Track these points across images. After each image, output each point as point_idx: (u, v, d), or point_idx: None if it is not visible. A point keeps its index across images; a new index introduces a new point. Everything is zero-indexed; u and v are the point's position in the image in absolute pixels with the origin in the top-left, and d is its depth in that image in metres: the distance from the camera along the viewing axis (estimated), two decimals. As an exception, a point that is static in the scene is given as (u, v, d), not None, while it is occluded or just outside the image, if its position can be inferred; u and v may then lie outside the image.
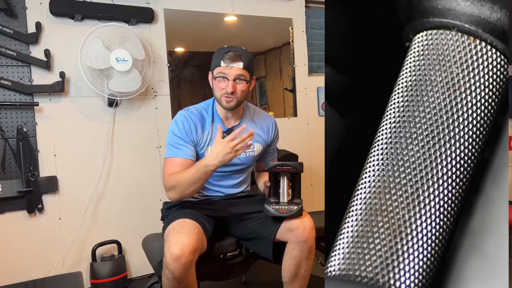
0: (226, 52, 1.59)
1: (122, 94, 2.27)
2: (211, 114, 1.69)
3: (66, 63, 2.26)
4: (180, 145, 1.61)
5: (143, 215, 2.47)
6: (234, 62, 1.59)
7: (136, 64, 2.27)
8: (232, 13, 2.78)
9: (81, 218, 2.31)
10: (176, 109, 2.57)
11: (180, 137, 1.61)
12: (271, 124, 1.81)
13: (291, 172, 1.57)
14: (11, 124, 2.15)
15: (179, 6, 2.58)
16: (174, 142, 1.62)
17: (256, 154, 1.76)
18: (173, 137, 1.63)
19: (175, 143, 1.62)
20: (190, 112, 1.67)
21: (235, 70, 1.59)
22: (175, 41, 2.58)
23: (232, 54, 1.59)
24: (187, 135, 1.62)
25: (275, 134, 1.82)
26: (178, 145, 1.61)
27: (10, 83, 2.12)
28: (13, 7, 2.11)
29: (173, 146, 1.62)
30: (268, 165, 1.56)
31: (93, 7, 2.30)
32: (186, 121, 1.63)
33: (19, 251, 2.18)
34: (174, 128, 1.64)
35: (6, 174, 2.13)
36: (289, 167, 1.54)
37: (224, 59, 1.59)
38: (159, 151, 2.52)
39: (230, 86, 1.58)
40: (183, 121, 1.63)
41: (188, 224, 1.49)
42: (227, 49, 1.62)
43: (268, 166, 1.56)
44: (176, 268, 1.37)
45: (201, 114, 1.68)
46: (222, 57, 1.59)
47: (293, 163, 1.56)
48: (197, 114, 1.67)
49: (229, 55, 1.59)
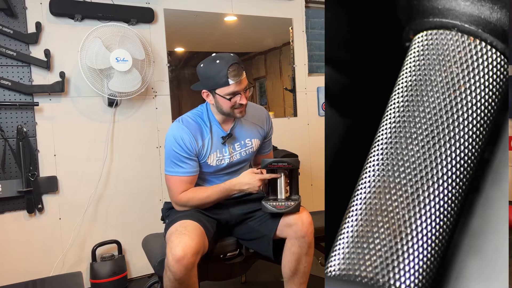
0: (229, 68, 1.50)
1: (122, 94, 2.27)
2: (208, 120, 1.66)
3: (66, 63, 2.26)
4: (184, 162, 1.59)
5: (143, 215, 2.47)
6: (240, 74, 1.53)
7: (136, 64, 2.27)
8: (232, 13, 2.78)
9: (81, 218, 2.31)
10: (176, 109, 2.57)
11: (182, 154, 1.58)
12: (265, 117, 1.80)
13: (287, 169, 1.58)
14: (11, 124, 2.15)
15: (179, 6, 2.58)
16: (176, 159, 1.59)
17: (255, 149, 1.78)
18: (175, 154, 1.59)
19: (178, 160, 1.59)
20: (187, 124, 1.61)
21: (244, 82, 1.56)
22: (175, 41, 2.58)
23: (235, 67, 1.51)
24: (189, 150, 1.58)
25: (269, 126, 1.81)
26: (182, 162, 1.59)
27: (10, 83, 2.11)
28: (13, 7, 2.11)
29: (176, 163, 1.60)
30: (264, 162, 1.57)
31: (93, 7, 2.30)
32: (185, 135, 1.58)
33: (19, 251, 2.18)
34: (174, 144, 1.59)
35: (6, 174, 2.13)
36: (285, 164, 1.55)
37: (231, 76, 1.50)
38: (159, 151, 2.52)
39: (244, 98, 1.57)
40: (182, 136, 1.58)
41: (190, 226, 1.49)
42: (225, 63, 1.51)
43: (265, 163, 1.57)
44: (178, 269, 1.37)
45: (198, 123, 1.64)
46: (227, 76, 1.50)
47: (289, 159, 1.57)
48: (193, 125, 1.62)
49: (233, 70, 1.51)
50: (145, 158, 2.49)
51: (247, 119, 1.72)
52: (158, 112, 2.52)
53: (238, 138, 1.70)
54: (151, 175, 2.50)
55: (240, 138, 1.70)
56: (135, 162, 2.46)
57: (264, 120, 1.79)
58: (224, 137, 1.64)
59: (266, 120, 1.80)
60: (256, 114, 1.77)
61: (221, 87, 1.53)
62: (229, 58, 1.53)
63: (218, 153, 1.65)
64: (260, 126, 1.77)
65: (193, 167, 1.61)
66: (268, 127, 1.81)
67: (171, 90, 2.56)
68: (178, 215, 1.59)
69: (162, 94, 2.53)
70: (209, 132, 1.64)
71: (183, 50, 2.67)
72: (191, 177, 1.62)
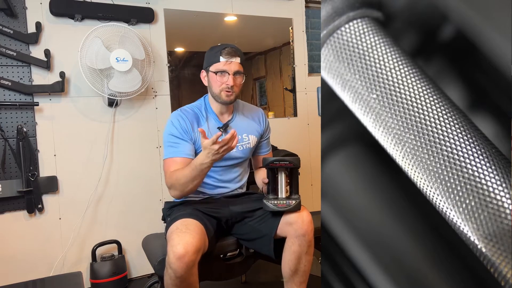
0: (224, 48, 1.64)
1: (122, 94, 2.27)
2: (205, 110, 1.73)
3: (66, 63, 2.26)
4: (178, 144, 1.63)
5: (143, 215, 2.47)
6: (233, 57, 1.64)
7: (136, 64, 2.27)
8: (232, 13, 2.78)
9: (81, 218, 2.31)
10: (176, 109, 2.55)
11: (177, 136, 1.64)
12: (261, 115, 1.87)
13: (288, 167, 1.59)
14: (11, 124, 2.15)
15: (179, 6, 2.58)
16: (171, 141, 1.64)
17: (252, 146, 1.80)
18: (170, 137, 1.65)
19: (173, 143, 1.64)
20: (184, 111, 1.71)
21: (235, 65, 1.65)
22: (175, 41, 2.58)
23: (230, 49, 1.65)
24: (184, 133, 1.64)
25: (266, 124, 1.87)
26: (176, 144, 1.63)
27: (10, 83, 2.12)
28: (13, 7, 2.11)
29: (171, 146, 1.64)
30: (266, 161, 1.58)
31: (93, 7, 2.30)
32: (182, 119, 1.66)
33: (19, 251, 2.18)
34: (171, 128, 1.66)
35: (6, 174, 2.13)
36: (287, 162, 1.56)
37: (223, 54, 1.63)
38: (159, 151, 2.52)
39: (231, 80, 1.64)
40: (179, 120, 1.66)
41: (191, 224, 1.50)
42: (223, 45, 1.66)
43: (266, 162, 1.58)
44: (179, 267, 1.37)
45: (195, 112, 1.72)
46: (220, 53, 1.63)
47: (290, 158, 1.58)
48: (191, 113, 1.71)
49: (227, 50, 1.64)
50: (145, 158, 2.49)
51: (243, 115, 1.80)
52: (158, 112, 2.52)
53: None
54: (151, 175, 2.50)
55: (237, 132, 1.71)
56: (135, 162, 2.46)
57: (261, 117, 1.86)
58: (221, 127, 1.70)
59: (263, 118, 1.86)
60: (253, 112, 1.85)
61: (213, 63, 1.66)
62: (229, 44, 1.68)
63: None
64: (257, 123, 1.83)
65: (186, 149, 1.63)
66: (265, 125, 1.86)
67: (171, 90, 2.56)
68: (179, 213, 1.59)
69: (162, 94, 2.54)
70: (205, 121, 1.70)
71: (183, 50, 2.67)
72: (184, 159, 1.60)
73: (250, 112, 1.84)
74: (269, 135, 1.91)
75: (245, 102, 1.91)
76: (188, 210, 1.61)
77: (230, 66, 1.64)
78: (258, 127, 1.83)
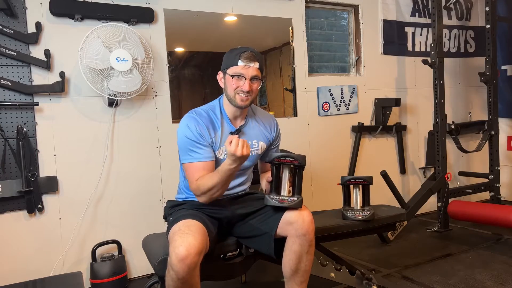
0: (243, 52, 1.62)
1: (122, 94, 2.27)
2: (220, 114, 1.70)
3: (66, 63, 2.26)
4: (198, 148, 1.61)
5: (143, 215, 2.47)
6: (252, 62, 1.62)
7: (136, 64, 2.27)
8: (232, 13, 2.78)
9: (81, 218, 2.31)
10: (176, 109, 2.57)
11: (195, 141, 1.61)
12: (273, 123, 1.84)
13: (294, 164, 1.58)
14: (11, 124, 2.15)
15: (179, 6, 2.58)
16: (190, 146, 1.61)
17: (260, 152, 1.78)
18: (188, 142, 1.62)
19: (192, 146, 1.61)
20: (199, 114, 1.67)
21: (252, 70, 1.62)
22: (175, 41, 2.58)
23: (249, 54, 1.62)
24: (202, 137, 1.62)
25: (277, 133, 1.85)
26: (196, 148, 1.61)
27: (10, 83, 2.11)
28: (13, 7, 2.11)
29: (190, 150, 1.62)
30: (272, 155, 1.59)
31: (93, 7, 2.30)
32: (197, 123, 1.63)
33: (19, 251, 2.18)
34: (187, 132, 1.62)
35: (6, 174, 2.13)
36: (292, 159, 1.56)
37: (242, 58, 1.61)
38: (159, 151, 2.52)
39: (247, 85, 1.61)
40: (195, 124, 1.62)
41: (193, 225, 1.49)
42: (243, 49, 1.64)
43: (272, 157, 1.58)
44: (181, 268, 1.37)
45: (209, 116, 1.68)
46: (239, 57, 1.61)
47: (296, 155, 1.58)
48: (205, 116, 1.67)
49: (246, 54, 1.62)
50: (145, 158, 2.49)
51: (256, 121, 1.77)
52: (158, 112, 2.52)
53: (246, 137, 1.71)
54: (151, 175, 2.50)
55: (248, 138, 1.71)
56: (135, 162, 2.46)
57: (272, 126, 1.83)
58: (233, 132, 1.68)
59: (275, 126, 1.84)
60: (265, 119, 1.82)
61: (231, 66, 1.64)
62: (249, 48, 1.66)
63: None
64: (268, 131, 1.80)
65: (207, 152, 1.62)
66: (276, 134, 1.84)
67: (171, 90, 2.56)
68: (181, 214, 1.59)
69: (162, 94, 2.53)
70: (220, 126, 1.68)
71: (183, 50, 2.67)
72: (206, 163, 1.61)
73: (262, 119, 1.81)
74: (279, 143, 1.89)
75: (258, 107, 1.90)
76: (190, 211, 1.61)
77: (248, 71, 1.61)
78: (269, 135, 1.80)
